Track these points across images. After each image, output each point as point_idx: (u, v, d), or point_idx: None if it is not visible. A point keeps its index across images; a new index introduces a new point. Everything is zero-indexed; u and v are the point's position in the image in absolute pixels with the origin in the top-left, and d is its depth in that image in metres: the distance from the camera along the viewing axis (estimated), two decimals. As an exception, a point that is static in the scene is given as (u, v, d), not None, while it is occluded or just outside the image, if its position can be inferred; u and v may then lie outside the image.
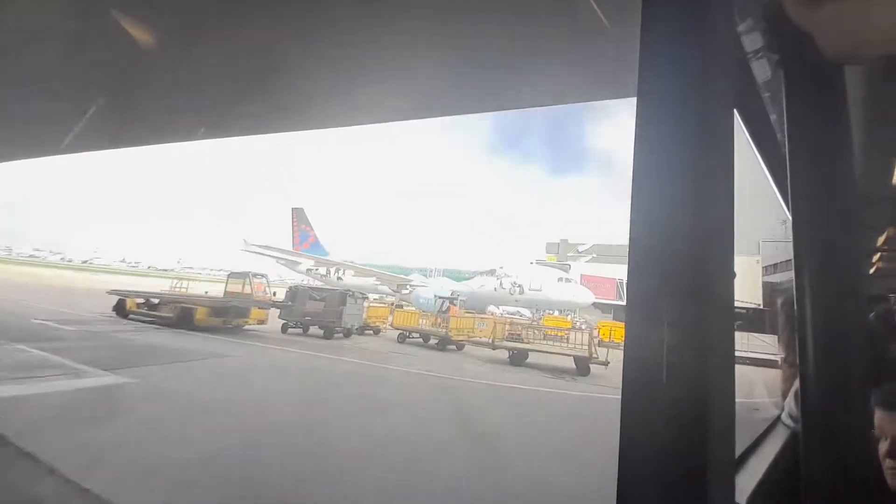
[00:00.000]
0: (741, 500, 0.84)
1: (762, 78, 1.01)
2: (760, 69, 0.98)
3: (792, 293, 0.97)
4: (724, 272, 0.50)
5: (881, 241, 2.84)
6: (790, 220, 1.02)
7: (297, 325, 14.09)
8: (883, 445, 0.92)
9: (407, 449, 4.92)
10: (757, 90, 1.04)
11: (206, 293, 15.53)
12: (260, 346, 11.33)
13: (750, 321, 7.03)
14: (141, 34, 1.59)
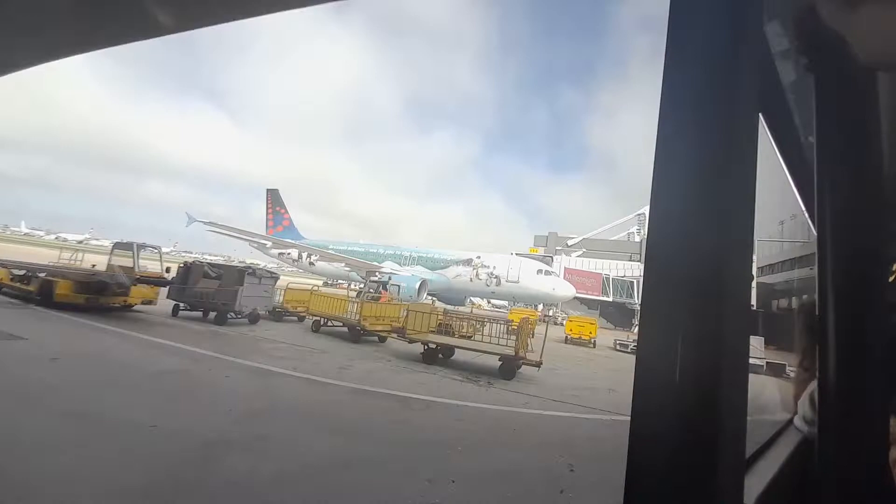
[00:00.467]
0: (749, 502, 0.80)
1: (789, 81, 0.98)
2: (787, 72, 0.95)
3: (812, 298, 0.98)
4: (742, 276, 0.50)
5: None
6: (810, 224, 1.03)
7: (190, 306, 11.83)
8: (895, 452, 0.87)
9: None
10: (783, 94, 1.00)
11: (93, 266, 13.33)
12: (98, 328, 9.04)
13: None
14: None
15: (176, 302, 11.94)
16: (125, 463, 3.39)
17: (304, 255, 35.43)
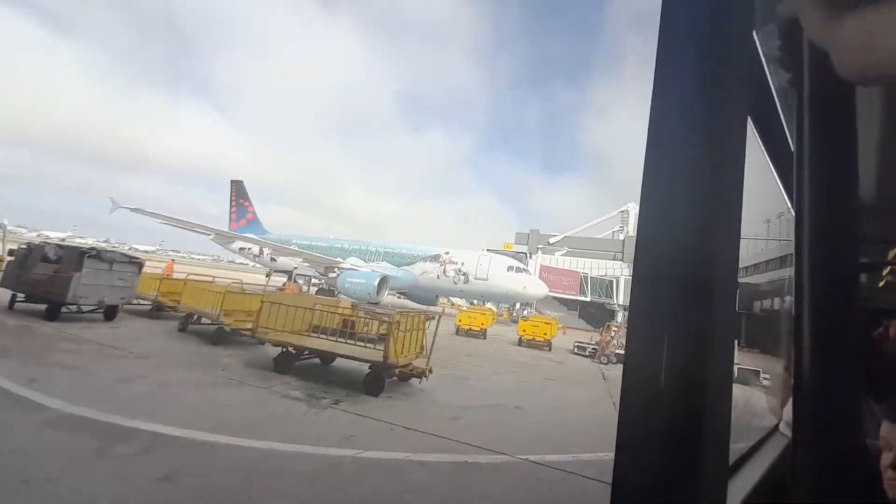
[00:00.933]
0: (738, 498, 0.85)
1: (778, 86, 1.01)
2: (776, 77, 0.99)
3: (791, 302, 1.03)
4: (728, 277, 0.51)
5: (892, 255, 2.66)
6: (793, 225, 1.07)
7: (27, 297, 9.54)
8: (887, 457, 0.89)
9: None
10: (772, 98, 1.04)
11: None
12: None
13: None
14: None
15: (13, 291, 9.67)
16: None
17: (264, 249, 33.26)
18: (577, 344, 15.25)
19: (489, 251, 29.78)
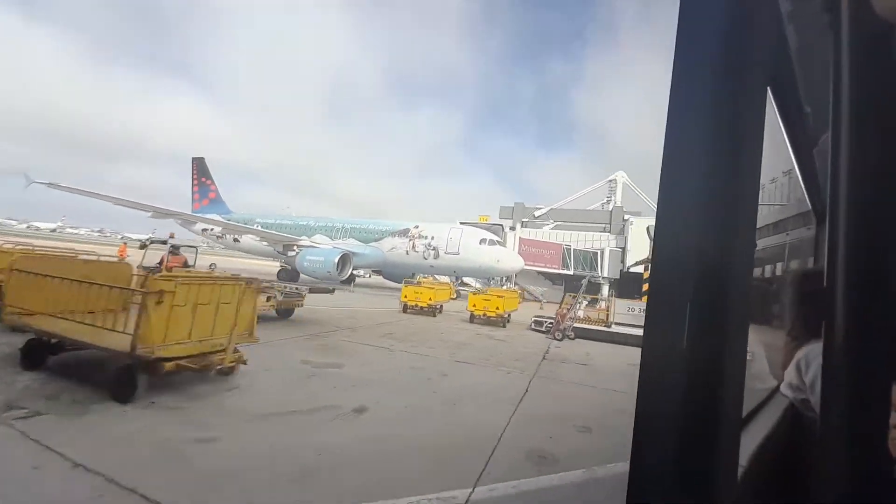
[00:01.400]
0: (743, 459, 0.86)
1: (799, 48, 0.95)
2: (800, 38, 0.92)
3: (806, 268, 1.03)
4: (745, 244, 0.52)
5: None
6: (803, 188, 1.08)
7: None
8: (895, 416, 0.84)
9: None
10: (791, 64, 0.98)
11: None
12: None
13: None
14: None
15: None
16: None
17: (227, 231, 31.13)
18: (534, 319, 13.17)
19: (462, 224, 27.45)
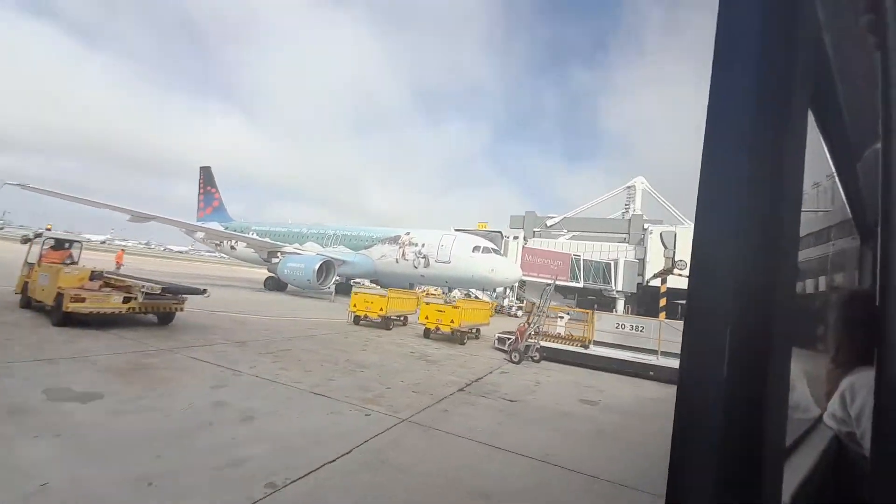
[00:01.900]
0: (787, 494, 0.82)
1: (840, 65, 0.92)
2: (842, 52, 0.90)
3: (853, 287, 1.03)
4: (788, 271, 0.50)
5: None
6: (843, 198, 1.05)
7: None
8: None
9: None
10: (833, 83, 0.97)
11: None
12: None
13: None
14: None
15: None
16: None
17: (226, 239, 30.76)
18: (498, 336, 10.77)
19: (457, 231, 25.33)
